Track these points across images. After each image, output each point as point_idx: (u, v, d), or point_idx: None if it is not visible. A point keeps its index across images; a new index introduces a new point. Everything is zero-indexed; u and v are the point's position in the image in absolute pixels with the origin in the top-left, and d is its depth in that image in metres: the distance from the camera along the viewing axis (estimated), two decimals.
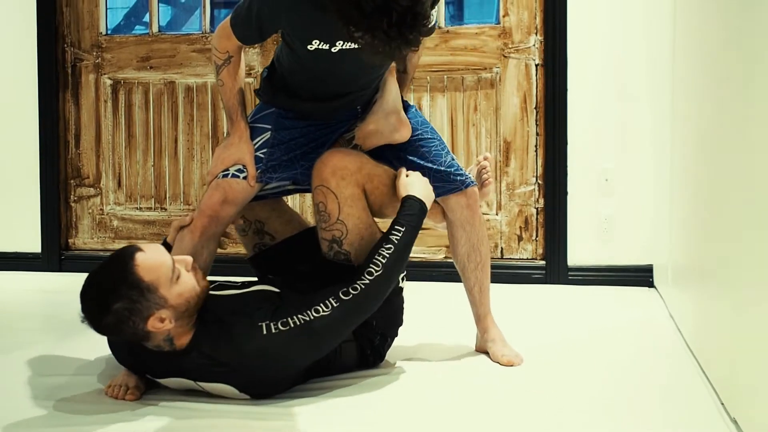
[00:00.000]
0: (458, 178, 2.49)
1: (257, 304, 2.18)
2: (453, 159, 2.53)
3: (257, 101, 2.55)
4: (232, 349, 2.07)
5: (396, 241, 2.23)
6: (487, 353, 2.55)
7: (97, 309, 2.00)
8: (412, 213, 2.29)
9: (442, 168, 2.48)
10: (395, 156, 2.48)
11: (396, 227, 2.26)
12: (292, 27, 2.24)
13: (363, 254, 2.31)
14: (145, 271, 2.01)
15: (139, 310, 1.99)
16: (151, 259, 2.03)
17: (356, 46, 2.21)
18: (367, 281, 2.16)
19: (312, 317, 2.10)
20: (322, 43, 2.22)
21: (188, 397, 2.17)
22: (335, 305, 2.12)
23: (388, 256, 2.20)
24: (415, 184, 2.35)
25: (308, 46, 2.24)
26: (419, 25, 1.95)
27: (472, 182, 2.53)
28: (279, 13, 2.21)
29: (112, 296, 1.98)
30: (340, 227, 2.32)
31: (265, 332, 2.07)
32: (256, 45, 3.72)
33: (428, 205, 2.35)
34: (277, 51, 2.44)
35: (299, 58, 2.31)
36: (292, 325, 2.08)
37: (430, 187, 2.39)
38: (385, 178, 2.40)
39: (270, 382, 2.16)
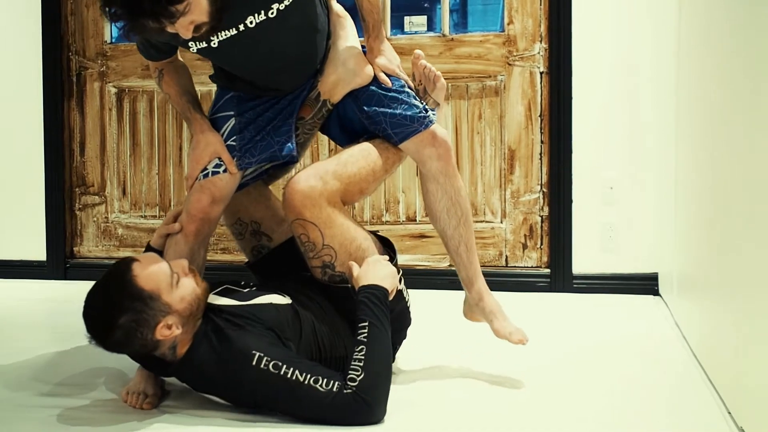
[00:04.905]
0: (416, 120, 2.40)
1: (262, 325, 2.12)
2: (410, 102, 2.42)
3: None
4: (219, 363, 2.05)
5: (365, 340, 2.09)
6: (479, 323, 2.49)
7: (104, 326, 2.00)
8: (370, 304, 2.15)
9: (398, 112, 2.39)
10: (356, 105, 2.42)
11: (359, 325, 2.12)
12: (166, 37, 2.22)
13: None
14: (145, 280, 2.01)
15: (145, 320, 1.99)
16: (148, 267, 2.03)
17: (233, 32, 2.18)
18: (356, 384, 2.01)
19: (307, 383, 2.00)
20: (197, 42, 2.21)
21: (204, 404, 2.16)
22: (334, 391, 2.00)
23: (363, 357, 2.05)
24: (368, 273, 2.23)
25: (191, 50, 2.25)
26: None
27: (431, 121, 2.42)
28: (147, 27, 2.13)
29: (117, 311, 1.98)
30: (328, 251, 2.28)
31: (254, 362, 2.01)
32: None
33: (387, 282, 2.22)
34: None
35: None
36: (282, 373, 2.00)
37: (387, 266, 2.27)
38: (350, 165, 2.34)
39: (242, 401, 2.11)
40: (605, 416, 2.14)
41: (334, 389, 2.01)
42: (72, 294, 3.71)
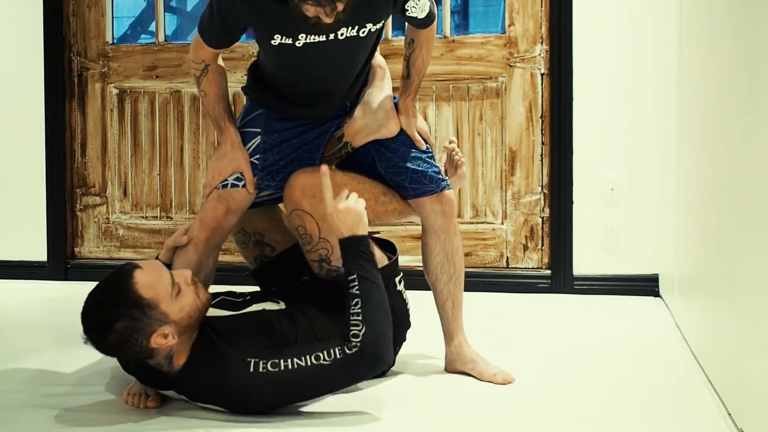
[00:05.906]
0: (434, 181, 2.44)
1: (252, 332, 2.15)
2: (431, 162, 2.47)
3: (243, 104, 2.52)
4: (217, 378, 2.06)
5: (357, 292, 2.10)
6: (465, 374, 2.46)
7: (99, 329, 2.00)
8: (354, 256, 2.15)
9: (419, 169, 2.43)
10: (378, 153, 2.45)
11: (349, 279, 2.13)
12: (252, 21, 2.24)
13: None
14: (145, 288, 2.00)
15: (141, 327, 1.99)
16: (149, 275, 2.03)
17: (322, 39, 2.19)
18: (359, 340, 2.04)
19: (311, 363, 2.02)
20: (284, 37, 2.21)
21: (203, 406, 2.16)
22: (339, 357, 2.02)
23: (360, 311, 2.07)
24: (338, 228, 2.18)
25: (271, 42, 2.23)
26: None
27: (448, 186, 2.47)
28: (237, 7, 2.19)
29: (114, 315, 1.98)
30: (324, 245, 2.30)
31: (252, 369, 2.03)
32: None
33: (361, 227, 2.18)
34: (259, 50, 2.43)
35: (269, 56, 2.32)
36: (282, 368, 2.02)
37: (349, 212, 2.18)
38: (356, 184, 2.37)
39: (253, 410, 2.12)
40: (605, 416, 2.14)
41: (338, 355, 2.03)
42: (72, 294, 3.70)
